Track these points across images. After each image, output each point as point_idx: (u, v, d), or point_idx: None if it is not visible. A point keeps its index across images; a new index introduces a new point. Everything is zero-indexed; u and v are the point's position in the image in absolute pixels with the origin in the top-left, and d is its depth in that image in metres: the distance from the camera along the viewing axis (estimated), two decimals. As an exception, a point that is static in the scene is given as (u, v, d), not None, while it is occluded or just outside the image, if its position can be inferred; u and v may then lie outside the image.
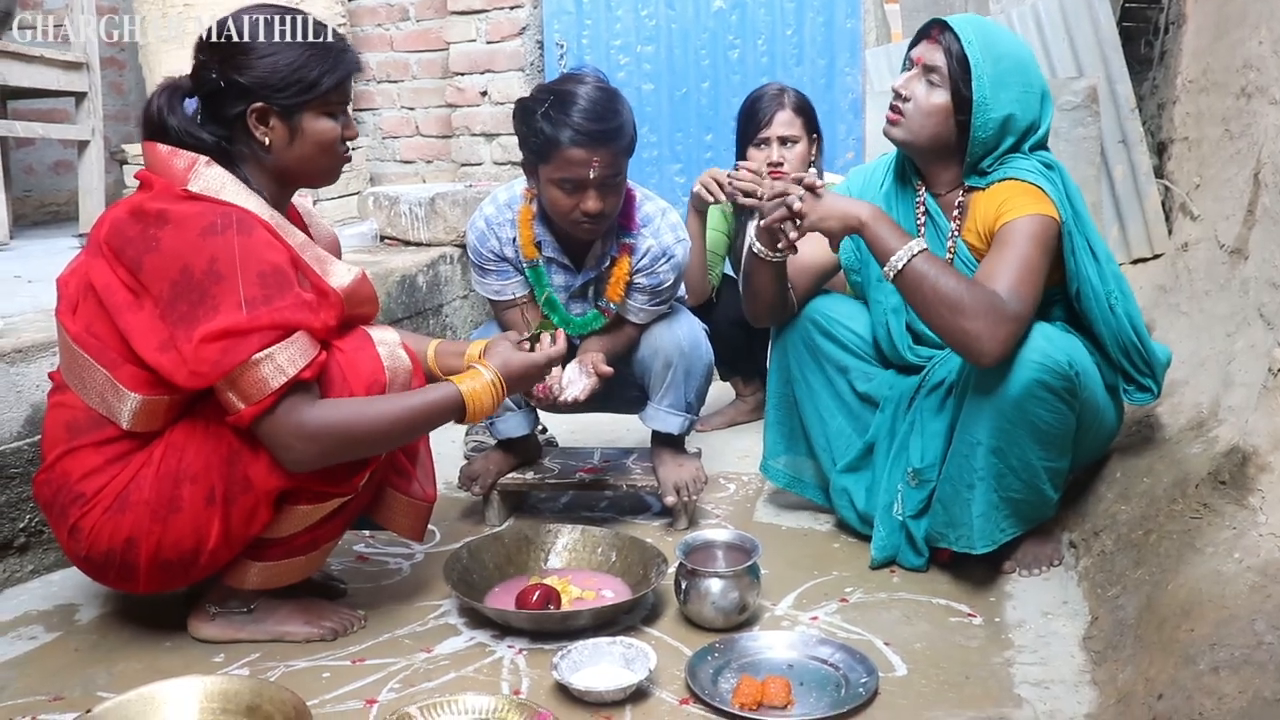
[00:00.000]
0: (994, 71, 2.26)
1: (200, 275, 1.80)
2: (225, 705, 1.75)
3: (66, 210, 5.37)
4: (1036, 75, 2.33)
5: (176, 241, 1.83)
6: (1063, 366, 2.14)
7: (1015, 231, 2.21)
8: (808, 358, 2.57)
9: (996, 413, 2.17)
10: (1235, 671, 1.50)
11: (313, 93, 1.97)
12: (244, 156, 1.98)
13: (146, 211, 1.86)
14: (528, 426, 2.77)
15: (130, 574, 1.96)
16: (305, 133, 1.99)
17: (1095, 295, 2.29)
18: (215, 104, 1.97)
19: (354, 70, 2.05)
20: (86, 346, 1.91)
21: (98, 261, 1.90)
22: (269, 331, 1.81)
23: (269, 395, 1.82)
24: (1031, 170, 2.28)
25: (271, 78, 1.94)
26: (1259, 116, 2.65)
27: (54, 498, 1.96)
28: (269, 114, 1.96)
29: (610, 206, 2.47)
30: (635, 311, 2.66)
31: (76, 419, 1.94)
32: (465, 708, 1.76)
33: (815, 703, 1.83)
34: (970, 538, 2.25)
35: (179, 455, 1.91)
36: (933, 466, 2.36)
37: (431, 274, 3.97)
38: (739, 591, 2.09)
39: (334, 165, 2.08)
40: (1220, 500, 1.93)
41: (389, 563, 2.49)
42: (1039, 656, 2.00)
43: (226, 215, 1.85)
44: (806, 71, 4.46)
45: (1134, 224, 3.73)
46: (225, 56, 1.95)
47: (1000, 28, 2.37)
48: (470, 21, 4.85)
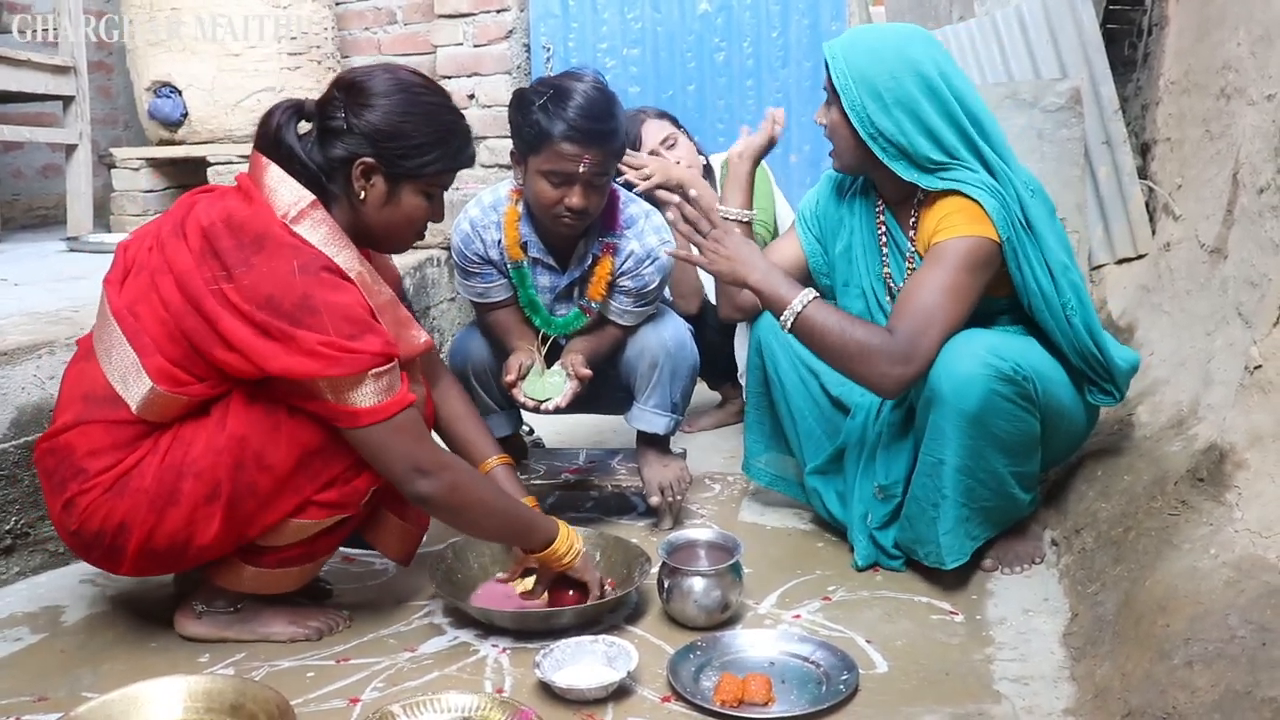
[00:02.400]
0: (853, 72, 2.26)
1: (290, 307, 1.82)
2: (209, 704, 1.76)
3: (55, 214, 5.38)
4: (902, 56, 2.25)
5: (268, 271, 1.83)
6: (1010, 372, 2.15)
7: (944, 253, 2.22)
8: (782, 357, 2.57)
9: (957, 430, 2.17)
10: (1208, 665, 1.52)
11: (423, 171, 1.99)
12: (335, 197, 1.99)
13: (245, 229, 1.86)
14: (511, 427, 2.78)
15: (116, 557, 1.96)
16: (401, 203, 2.01)
17: (1049, 307, 2.27)
18: (329, 139, 1.97)
19: (467, 165, 2.09)
20: (123, 323, 1.91)
21: (179, 245, 1.90)
22: (379, 360, 1.86)
23: (389, 403, 1.88)
24: (977, 185, 2.23)
25: (391, 141, 1.95)
26: (1237, 117, 2.67)
27: (55, 468, 1.96)
28: (375, 171, 1.97)
29: (593, 205, 2.48)
30: (620, 313, 2.67)
31: (94, 391, 1.94)
32: (447, 706, 1.77)
33: (796, 700, 1.84)
34: (938, 553, 2.26)
35: (185, 449, 1.91)
36: (898, 483, 2.37)
37: (418, 277, 3.98)
38: (721, 590, 2.11)
39: (410, 240, 2.11)
40: (1198, 497, 1.95)
41: (374, 563, 2.50)
42: (1019, 653, 2.01)
43: (318, 260, 1.87)
44: (792, 74, 4.48)
45: (1118, 224, 3.74)
46: (357, 102, 1.95)
47: (870, 29, 2.36)
48: (457, 25, 4.86)
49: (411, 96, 1.98)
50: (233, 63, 4.59)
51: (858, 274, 2.48)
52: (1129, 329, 3.06)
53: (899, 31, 2.33)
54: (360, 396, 1.87)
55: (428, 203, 2.05)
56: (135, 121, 5.38)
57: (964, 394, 2.14)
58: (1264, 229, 2.28)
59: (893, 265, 2.43)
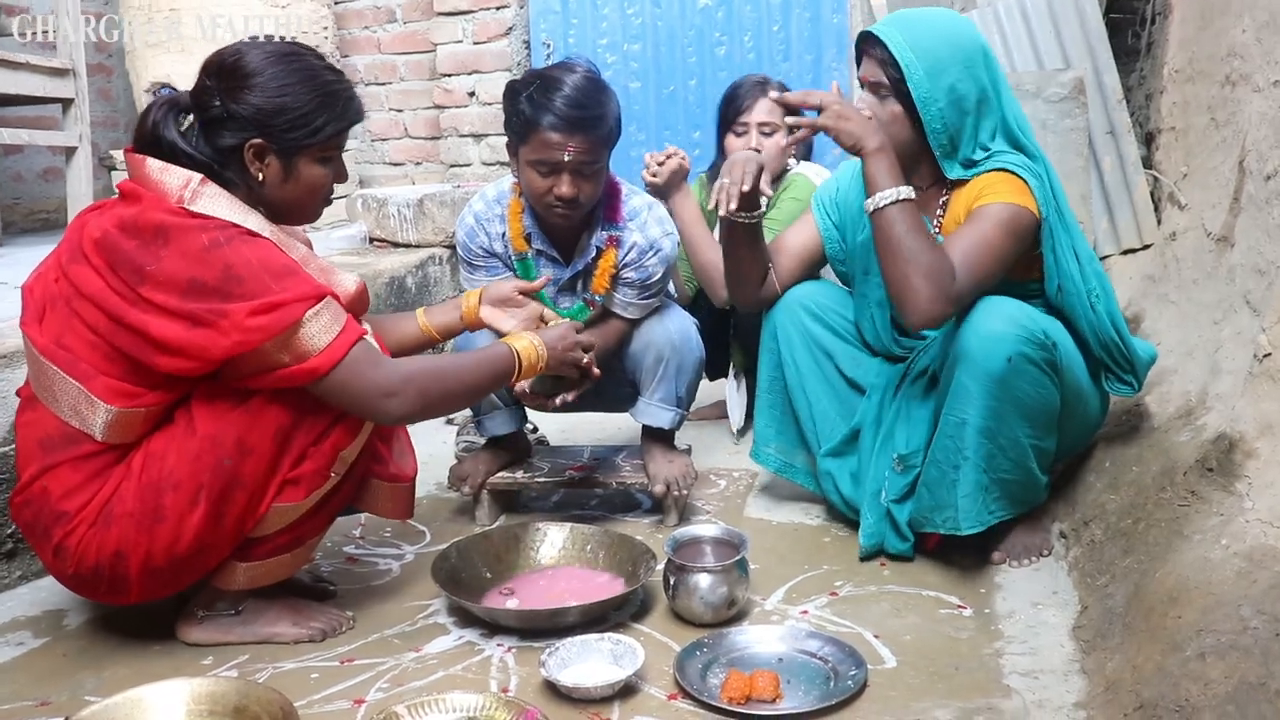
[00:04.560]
0: (926, 64, 2.24)
1: (216, 282, 1.80)
2: (212, 707, 1.75)
3: (56, 218, 5.36)
4: (970, 45, 2.28)
5: (180, 258, 1.81)
6: (1039, 336, 2.16)
7: (987, 214, 2.22)
8: (797, 340, 2.57)
9: (982, 390, 2.17)
10: (1221, 657, 1.50)
11: (314, 139, 1.96)
12: (233, 184, 1.96)
13: (142, 226, 1.84)
14: (515, 424, 2.77)
15: (121, 586, 1.95)
16: (300, 175, 1.99)
17: (1077, 292, 2.29)
18: (213, 129, 1.94)
19: (357, 120, 2.05)
20: (56, 359, 1.88)
21: (82, 269, 1.88)
22: (308, 300, 1.84)
23: (339, 342, 1.86)
24: (1018, 164, 2.28)
25: (276, 118, 1.92)
26: (1243, 104, 2.65)
27: (35, 519, 1.94)
28: (266, 151, 1.94)
29: (585, 195, 2.47)
30: (625, 306, 2.66)
31: (49, 435, 1.91)
32: (452, 706, 1.76)
33: (804, 696, 1.83)
34: (955, 519, 2.25)
35: (159, 464, 1.89)
36: (917, 452, 2.36)
37: (420, 275, 3.97)
38: (727, 586, 2.09)
39: (318, 208, 2.09)
40: (1208, 487, 1.93)
41: (378, 563, 2.49)
42: (1028, 647, 2.00)
43: (227, 228, 1.85)
44: (793, 67, 4.47)
45: (1123, 215, 3.72)
46: (233, 86, 1.92)
47: (922, 13, 2.33)
48: (457, 22, 4.85)
49: (284, 67, 1.94)
50: (232, 63, 4.57)
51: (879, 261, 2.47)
52: (1136, 320, 3.04)
53: (956, 21, 2.33)
54: (311, 340, 1.84)
55: (326, 168, 2.02)
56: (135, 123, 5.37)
57: (991, 353, 2.14)
58: (1271, 216, 2.26)
59: None
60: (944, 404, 2.25)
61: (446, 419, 3.64)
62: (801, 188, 3.19)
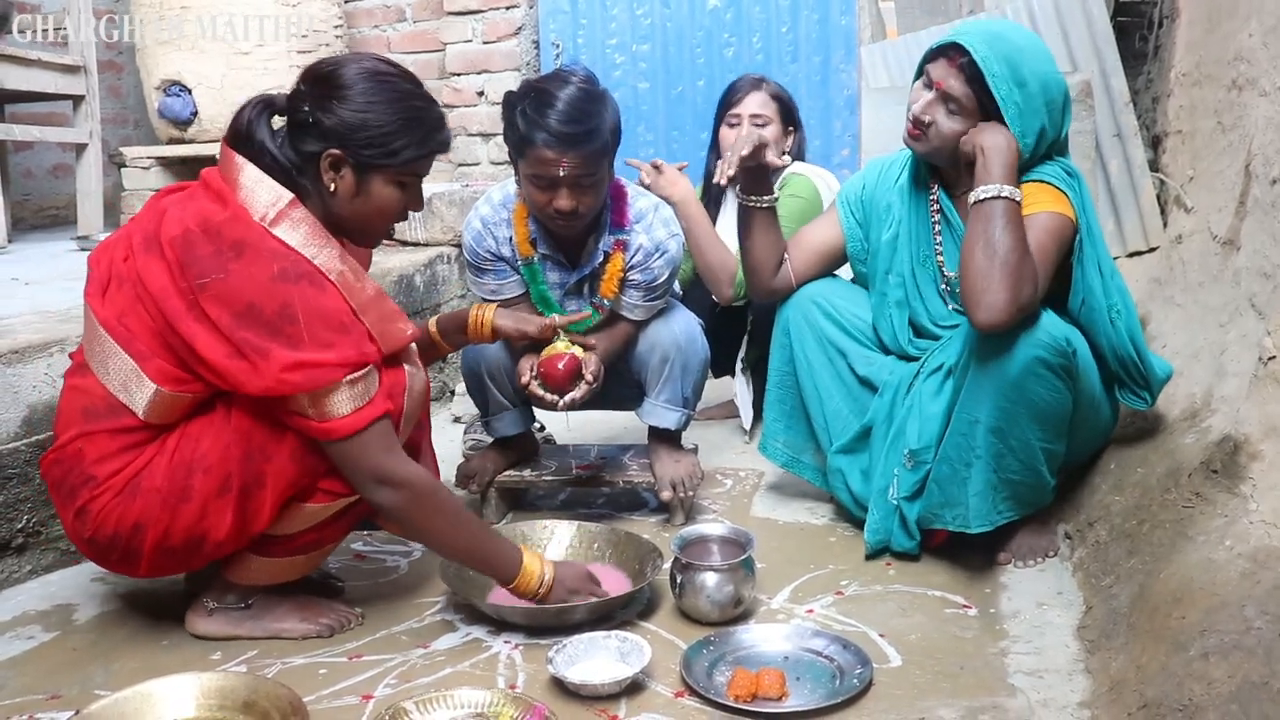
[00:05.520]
0: (1021, 100, 2.24)
1: (270, 315, 1.81)
2: (222, 702, 1.76)
3: (65, 214, 5.38)
4: (1059, 84, 2.31)
5: (247, 279, 1.82)
6: (1061, 343, 2.17)
7: (1036, 223, 2.23)
8: (809, 337, 2.58)
9: (996, 391, 2.18)
10: (1225, 657, 1.51)
11: (391, 160, 1.96)
12: (308, 192, 1.97)
13: (223, 235, 1.85)
14: (523, 424, 2.78)
15: (133, 559, 1.97)
16: (371, 194, 1.99)
17: (1099, 307, 2.30)
18: (299, 133, 1.96)
19: (440, 150, 2.06)
20: (115, 333, 1.90)
21: (154, 261, 1.88)
22: (348, 367, 1.86)
23: (362, 414, 1.88)
24: (1055, 175, 2.30)
25: (357, 132, 1.92)
26: (1249, 108, 2.66)
27: (63, 478, 1.96)
28: (342, 163, 1.95)
29: (585, 206, 2.47)
30: (631, 308, 2.66)
31: (94, 405, 1.93)
32: (460, 702, 1.77)
33: (810, 694, 1.83)
34: (965, 516, 2.26)
35: (194, 445, 1.91)
36: (929, 448, 2.36)
37: (429, 274, 3.98)
38: (734, 585, 2.10)
39: (383, 232, 2.09)
40: (1212, 489, 1.94)
41: (386, 560, 2.50)
42: (1033, 646, 2.00)
43: (301, 263, 1.86)
44: (802, 68, 4.47)
45: (1129, 218, 3.74)
46: (323, 95, 1.93)
47: (1016, 39, 2.30)
48: (466, 22, 4.86)
49: (377, 85, 1.95)
50: (242, 61, 4.59)
51: (900, 261, 2.50)
52: (1142, 322, 3.04)
53: (1050, 61, 2.32)
54: (337, 405, 1.86)
55: (400, 192, 2.02)
56: (145, 120, 5.39)
57: (1013, 357, 2.16)
58: (1277, 220, 2.27)
59: (946, 250, 2.45)
60: (959, 402, 2.26)
61: (454, 417, 3.66)
62: (800, 185, 3.22)
